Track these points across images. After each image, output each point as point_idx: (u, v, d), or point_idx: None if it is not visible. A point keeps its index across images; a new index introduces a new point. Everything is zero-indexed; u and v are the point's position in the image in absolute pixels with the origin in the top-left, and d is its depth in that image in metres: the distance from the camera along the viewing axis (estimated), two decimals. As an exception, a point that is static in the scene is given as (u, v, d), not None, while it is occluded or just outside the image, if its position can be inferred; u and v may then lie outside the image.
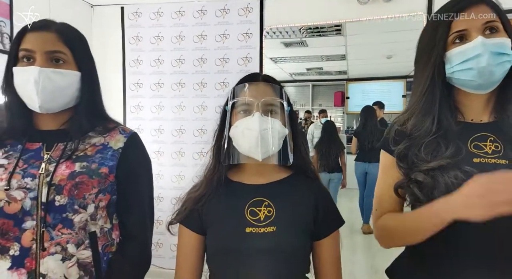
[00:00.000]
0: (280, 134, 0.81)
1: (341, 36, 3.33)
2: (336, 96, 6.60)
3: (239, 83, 0.86)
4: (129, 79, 2.55)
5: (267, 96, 0.81)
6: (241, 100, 0.82)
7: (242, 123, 0.80)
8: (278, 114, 0.82)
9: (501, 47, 0.71)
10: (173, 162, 2.56)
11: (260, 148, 0.78)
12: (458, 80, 0.76)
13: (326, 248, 0.85)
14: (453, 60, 0.75)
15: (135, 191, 0.90)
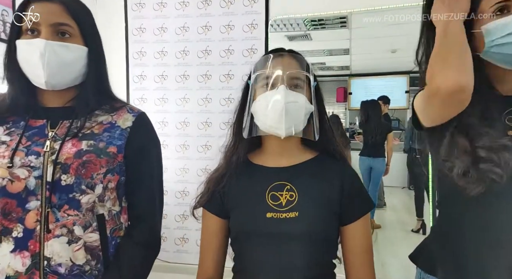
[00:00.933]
0: (306, 110, 0.77)
1: (346, 29, 3.29)
2: (339, 92, 6.54)
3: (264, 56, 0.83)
4: (132, 72, 2.52)
5: (293, 69, 0.77)
6: (265, 73, 0.78)
7: (265, 97, 0.77)
8: (304, 90, 0.78)
9: None
10: (177, 155, 2.52)
11: (284, 122, 0.74)
12: (498, 54, 0.71)
13: (354, 234, 0.80)
14: (495, 33, 0.70)
15: (144, 172, 0.86)
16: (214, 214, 0.84)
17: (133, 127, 0.85)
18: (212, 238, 0.85)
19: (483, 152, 0.66)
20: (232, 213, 0.82)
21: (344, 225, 0.81)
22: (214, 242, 0.85)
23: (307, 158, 0.85)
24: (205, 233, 0.86)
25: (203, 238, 0.86)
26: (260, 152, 0.87)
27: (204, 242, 0.86)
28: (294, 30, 3.42)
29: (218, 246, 0.85)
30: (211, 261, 0.85)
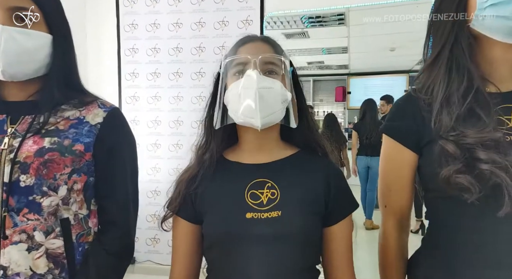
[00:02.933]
0: (283, 97, 0.70)
1: (344, 27, 3.23)
2: (337, 91, 6.47)
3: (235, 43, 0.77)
4: (124, 69, 2.46)
5: (266, 53, 0.71)
6: (236, 59, 0.72)
7: (237, 84, 0.70)
8: (279, 76, 0.71)
9: None
10: (171, 154, 2.47)
11: (259, 111, 0.67)
12: (489, 19, 0.63)
13: (337, 235, 0.74)
14: None
15: (116, 172, 0.79)
16: (185, 219, 0.77)
17: (104, 124, 0.77)
18: (183, 246, 0.76)
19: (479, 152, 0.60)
20: (206, 217, 0.73)
21: (327, 226, 0.75)
22: (186, 251, 0.76)
23: (287, 154, 0.77)
24: (175, 241, 0.78)
25: (174, 247, 0.79)
26: (236, 148, 0.79)
27: (175, 251, 0.78)
28: (291, 28, 3.36)
29: (190, 255, 0.76)
30: (184, 271, 0.77)
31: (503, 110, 0.64)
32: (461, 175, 0.60)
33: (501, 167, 0.58)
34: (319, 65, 5.58)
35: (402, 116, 0.73)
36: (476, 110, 0.63)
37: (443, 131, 0.64)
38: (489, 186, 0.59)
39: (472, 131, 0.61)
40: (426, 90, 0.70)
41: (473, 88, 0.64)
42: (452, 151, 0.62)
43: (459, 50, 0.66)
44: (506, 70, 0.67)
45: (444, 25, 0.68)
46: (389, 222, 0.80)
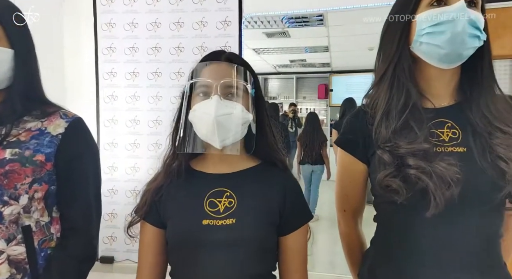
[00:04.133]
0: (243, 120, 0.74)
1: (324, 27, 3.29)
2: (320, 89, 6.58)
3: (200, 62, 0.80)
4: (102, 68, 2.44)
5: (228, 78, 0.74)
6: (199, 81, 0.75)
7: (199, 106, 0.74)
8: (241, 98, 0.75)
9: (478, 21, 0.67)
10: (150, 154, 2.48)
11: (217, 135, 0.71)
12: (425, 45, 0.69)
13: (292, 243, 0.79)
14: (426, 21, 0.68)
15: (78, 181, 0.82)
16: (151, 224, 0.81)
17: (65, 134, 0.79)
18: (149, 250, 0.80)
19: (409, 159, 0.67)
20: (169, 222, 0.77)
21: (282, 236, 0.79)
22: (152, 255, 0.80)
23: (249, 166, 0.82)
24: (142, 245, 0.81)
25: (140, 251, 0.82)
26: (202, 158, 0.83)
27: (141, 255, 0.82)
28: (272, 27, 3.40)
29: (156, 259, 0.80)
30: (149, 275, 0.81)
31: (436, 124, 0.71)
32: (391, 179, 0.67)
33: (426, 172, 0.64)
34: (302, 63, 5.64)
35: (352, 130, 0.78)
36: (410, 124, 0.68)
37: (381, 142, 0.70)
38: (417, 189, 0.65)
39: (404, 143, 0.67)
40: (372, 105, 0.76)
41: (410, 104, 0.70)
42: (387, 159, 0.68)
43: (401, 70, 0.72)
44: (440, 88, 0.73)
45: (391, 45, 0.73)
46: (350, 222, 0.88)
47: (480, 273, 0.67)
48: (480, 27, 0.66)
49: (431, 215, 0.64)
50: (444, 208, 0.63)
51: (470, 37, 0.66)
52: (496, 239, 0.70)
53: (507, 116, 0.68)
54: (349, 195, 0.84)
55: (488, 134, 0.67)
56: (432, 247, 0.68)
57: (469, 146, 0.67)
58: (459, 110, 0.71)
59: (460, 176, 0.63)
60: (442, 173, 0.63)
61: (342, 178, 0.84)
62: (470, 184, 0.64)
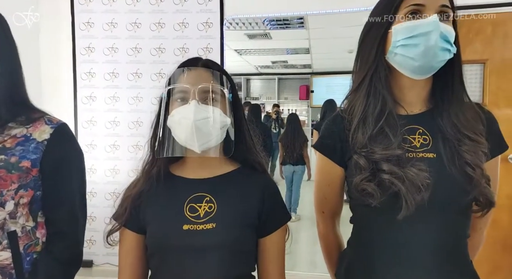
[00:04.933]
0: (221, 124, 0.76)
1: (304, 29, 3.34)
2: (301, 90, 6.66)
3: (178, 68, 0.81)
4: (80, 68, 2.39)
5: (205, 83, 0.76)
6: (177, 87, 0.76)
7: (178, 112, 0.75)
8: (219, 102, 0.77)
9: (449, 34, 0.70)
10: (130, 155, 2.44)
11: (196, 139, 0.73)
12: (399, 57, 0.73)
13: (270, 245, 0.81)
14: (401, 33, 0.71)
15: (63, 186, 0.82)
16: (132, 230, 0.81)
17: (50, 140, 0.79)
18: (130, 256, 0.80)
19: (383, 165, 0.70)
20: (149, 228, 0.78)
21: (261, 237, 0.81)
22: (132, 260, 0.80)
23: (228, 170, 0.83)
24: (122, 251, 0.81)
25: (120, 256, 0.82)
26: (182, 163, 0.84)
27: (121, 260, 0.82)
28: (253, 29, 3.42)
29: (136, 264, 0.81)
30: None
31: (409, 130, 0.74)
32: (367, 183, 0.70)
33: (399, 177, 0.68)
34: (284, 65, 5.69)
35: (330, 135, 0.81)
36: (385, 130, 0.72)
37: (357, 147, 0.74)
38: (390, 193, 0.68)
39: (379, 149, 0.70)
40: (349, 111, 0.79)
41: (385, 112, 0.73)
42: (363, 164, 0.71)
43: (377, 79, 0.75)
44: (413, 97, 0.77)
45: (369, 55, 0.76)
46: (328, 223, 0.91)
47: (448, 270, 0.71)
48: (451, 41, 0.70)
49: (403, 217, 0.67)
50: (414, 210, 0.66)
51: (442, 51, 0.70)
52: (463, 239, 0.74)
53: (474, 125, 0.72)
54: (327, 197, 0.87)
55: (457, 141, 0.71)
56: (403, 248, 0.71)
57: (439, 152, 0.71)
58: (430, 117, 0.75)
59: (429, 181, 0.66)
60: (413, 178, 0.66)
61: (320, 181, 0.87)
62: (439, 188, 0.68)
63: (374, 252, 0.75)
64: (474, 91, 2.12)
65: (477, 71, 2.12)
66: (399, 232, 0.71)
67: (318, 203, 0.90)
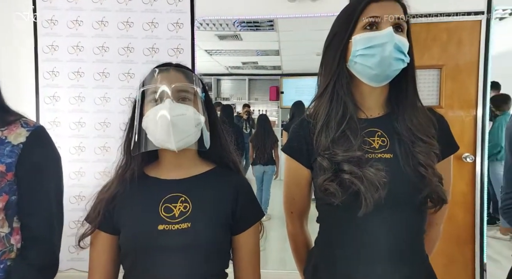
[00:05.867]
0: (195, 121, 0.78)
1: (274, 32, 3.39)
2: (272, 91, 6.72)
3: (150, 71, 0.82)
4: (42, 67, 2.29)
5: (178, 83, 0.77)
6: (151, 88, 0.77)
7: (153, 112, 0.76)
8: (192, 101, 0.79)
9: (403, 45, 0.76)
10: (97, 157, 2.37)
11: (173, 136, 0.74)
12: (358, 65, 0.77)
13: (244, 242, 0.84)
14: (360, 44, 0.76)
15: (40, 190, 0.80)
16: (105, 232, 0.81)
17: (26, 143, 0.77)
18: (102, 257, 0.80)
19: (344, 165, 0.75)
20: (123, 229, 0.78)
21: (235, 235, 0.83)
22: (105, 261, 0.80)
23: (203, 170, 0.85)
24: (94, 253, 0.80)
25: (92, 258, 0.81)
26: (157, 165, 0.84)
27: (93, 261, 0.81)
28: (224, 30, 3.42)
29: (109, 265, 0.80)
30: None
31: (369, 133, 0.80)
32: (329, 183, 0.75)
33: (358, 177, 0.72)
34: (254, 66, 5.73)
35: (296, 138, 0.85)
36: (347, 134, 0.77)
37: (321, 150, 0.78)
38: (351, 192, 0.73)
39: (341, 151, 0.75)
40: (314, 115, 0.83)
41: (347, 116, 0.78)
42: (326, 166, 0.76)
43: (340, 86, 0.80)
44: (372, 102, 0.83)
45: (332, 63, 0.81)
46: (296, 223, 0.94)
47: (405, 265, 0.77)
48: (404, 51, 0.76)
49: (363, 214, 0.72)
50: (373, 208, 0.71)
51: (396, 61, 0.75)
52: (420, 235, 0.80)
53: (426, 128, 0.79)
54: (295, 198, 0.91)
55: (411, 143, 0.77)
56: (363, 245, 0.76)
57: (395, 153, 0.77)
58: (387, 121, 0.81)
59: (386, 179, 0.72)
60: (371, 177, 0.71)
61: (288, 182, 0.91)
62: (395, 186, 0.73)
63: (337, 250, 0.80)
64: (432, 95, 2.27)
65: (434, 75, 2.27)
66: (359, 230, 0.76)
67: (287, 204, 0.94)
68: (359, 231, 0.76)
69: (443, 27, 2.21)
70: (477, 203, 2.20)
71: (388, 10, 0.75)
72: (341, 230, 0.79)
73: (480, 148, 2.18)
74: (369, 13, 0.76)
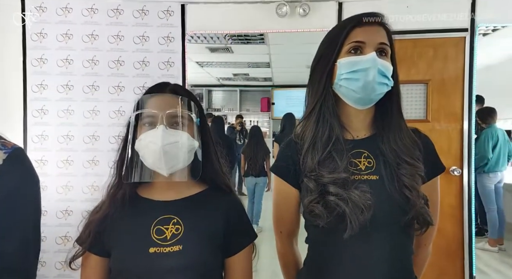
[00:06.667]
0: (189, 147, 0.77)
1: (265, 45, 3.43)
2: (263, 102, 6.77)
3: (145, 94, 0.81)
4: (30, 80, 2.27)
5: (173, 108, 0.77)
6: (145, 112, 0.77)
7: (146, 136, 0.76)
8: (186, 126, 0.78)
9: (386, 70, 0.77)
10: (85, 171, 2.34)
11: (164, 163, 0.74)
12: (343, 88, 0.79)
13: (237, 265, 0.83)
14: (344, 68, 0.77)
15: (15, 216, 0.76)
16: (95, 254, 0.79)
17: (3, 166, 0.75)
18: (92, 278, 0.79)
19: (330, 187, 0.75)
20: (114, 251, 0.77)
21: (228, 257, 0.82)
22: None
23: (196, 191, 0.84)
24: (84, 274, 0.80)
25: (82, 278, 0.80)
26: (149, 185, 0.83)
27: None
28: (215, 43, 3.45)
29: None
30: None
31: (355, 154, 0.81)
32: (315, 204, 0.75)
33: (343, 199, 0.73)
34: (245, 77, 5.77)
35: (285, 159, 0.86)
36: (333, 155, 0.77)
37: (307, 171, 0.78)
38: (336, 214, 0.73)
39: (327, 172, 0.76)
40: (301, 136, 0.84)
41: (333, 137, 0.79)
42: (312, 187, 0.76)
43: (326, 108, 0.81)
44: (358, 123, 0.84)
45: (318, 85, 0.82)
46: (286, 242, 0.94)
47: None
48: (388, 75, 0.77)
49: (348, 236, 0.72)
50: (359, 230, 0.71)
51: (379, 85, 0.77)
52: (407, 256, 0.80)
53: (412, 150, 0.80)
54: (284, 217, 0.91)
55: (396, 165, 0.78)
56: (349, 266, 0.76)
57: (381, 174, 0.78)
58: (373, 142, 0.82)
59: (371, 201, 0.72)
60: (356, 199, 0.72)
61: (277, 202, 0.90)
62: (380, 208, 0.74)
63: (324, 271, 0.80)
64: (419, 109, 2.31)
65: (421, 90, 2.32)
66: (345, 252, 0.76)
67: (276, 223, 0.93)
68: (346, 253, 0.76)
69: (429, 43, 2.26)
70: (465, 216, 2.22)
71: (372, 35, 0.77)
72: (327, 251, 0.79)
73: (467, 160, 2.21)
74: (353, 38, 0.77)
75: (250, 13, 2.31)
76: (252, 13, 2.31)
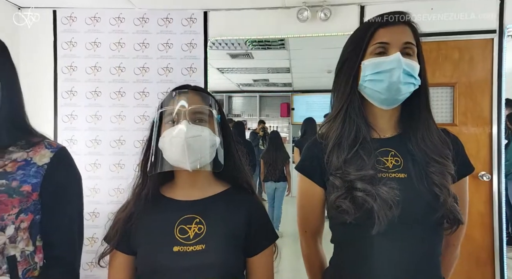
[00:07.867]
0: (211, 142, 0.79)
1: (285, 50, 3.45)
2: (282, 107, 6.77)
3: (168, 93, 0.84)
4: (61, 87, 2.37)
5: (195, 104, 0.79)
6: (168, 109, 0.79)
7: (169, 132, 0.78)
8: (208, 123, 0.80)
9: (412, 69, 0.76)
10: (112, 174, 2.42)
11: (187, 156, 0.75)
12: (368, 89, 0.79)
13: (258, 265, 0.84)
14: (368, 69, 0.77)
15: (62, 210, 0.82)
16: (122, 252, 0.82)
17: (50, 164, 0.80)
18: (119, 276, 0.82)
19: (357, 183, 0.74)
20: (139, 249, 0.79)
21: (249, 257, 0.83)
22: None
23: (218, 191, 0.85)
24: (112, 272, 0.82)
25: (109, 276, 0.81)
26: (172, 185, 0.85)
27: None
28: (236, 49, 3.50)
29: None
30: None
31: (382, 153, 0.80)
32: (342, 200, 0.75)
33: (371, 195, 0.72)
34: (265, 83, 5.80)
35: (310, 157, 0.86)
36: (360, 153, 0.77)
37: (332, 169, 0.78)
38: (364, 210, 0.73)
39: (353, 170, 0.76)
40: (325, 136, 0.84)
41: (360, 138, 0.79)
42: (338, 184, 0.76)
43: (352, 109, 0.81)
44: (384, 123, 0.84)
45: (344, 87, 0.83)
46: (311, 242, 0.94)
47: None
48: (414, 74, 0.77)
49: (376, 232, 0.71)
50: (386, 226, 0.71)
51: (405, 85, 0.76)
52: (435, 256, 0.79)
53: (441, 149, 0.79)
54: (309, 217, 0.91)
55: (425, 163, 0.77)
56: (377, 263, 0.75)
57: (409, 173, 0.77)
58: (401, 141, 0.82)
59: (399, 198, 0.71)
60: (385, 195, 0.71)
61: (302, 201, 0.91)
62: (409, 206, 0.73)
63: (351, 269, 0.79)
64: (446, 112, 2.25)
65: (447, 93, 2.26)
66: (373, 249, 0.75)
67: (301, 223, 0.94)
68: (373, 250, 0.75)
69: (454, 45, 2.21)
70: (496, 223, 2.14)
71: (397, 35, 0.77)
72: (354, 248, 0.79)
73: (496, 166, 2.13)
74: (378, 39, 0.77)
75: (271, 18, 2.34)
76: (273, 18, 2.34)
